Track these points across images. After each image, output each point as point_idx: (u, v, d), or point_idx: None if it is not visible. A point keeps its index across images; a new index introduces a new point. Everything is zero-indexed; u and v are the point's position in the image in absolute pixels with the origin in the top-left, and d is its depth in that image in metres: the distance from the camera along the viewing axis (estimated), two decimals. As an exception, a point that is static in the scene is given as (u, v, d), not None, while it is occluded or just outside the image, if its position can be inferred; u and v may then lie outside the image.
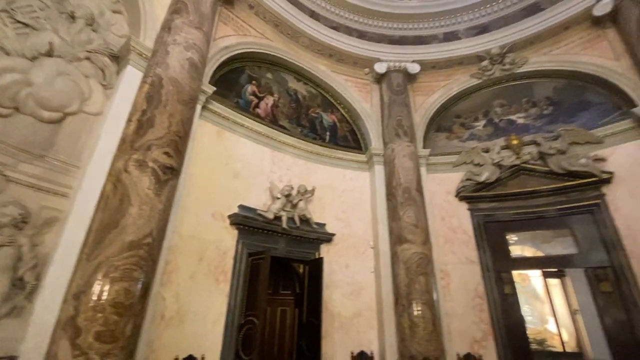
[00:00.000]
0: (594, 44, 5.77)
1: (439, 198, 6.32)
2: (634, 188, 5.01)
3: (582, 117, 5.81)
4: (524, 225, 6.01)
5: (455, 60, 6.75)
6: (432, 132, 6.90)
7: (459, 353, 5.17)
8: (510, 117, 6.49)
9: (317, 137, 6.41)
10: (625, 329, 4.72)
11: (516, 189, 5.89)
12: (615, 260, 4.93)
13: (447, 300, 5.56)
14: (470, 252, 5.85)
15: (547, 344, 9.09)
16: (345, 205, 6.12)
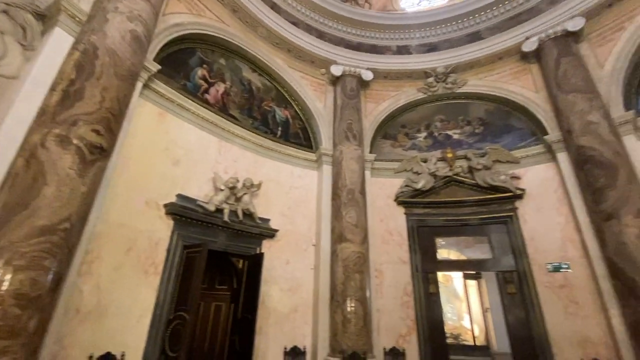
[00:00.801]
0: (521, 76, 6.57)
1: (380, 201, 6.66)
2: (540, 204, 5.83)
3: (506, 139, 6.59)
4: (451, 231, 6.63)
5: (405, 73, 7.18)
6: (379, 138, 7.26)
7: (385, 347, 5.52)
8: (448, 132, 7.10)
9: (268, 131, 6.32)
10: (524, 325, 5.48)
11: (447, 197, 6.47)
12: (520, 266, 5.70)
13: (379, 297, 5.89)
14: (403, 253, 6.28)
15: (461, 338, 10.16)
16: (291, 202, 6.14)
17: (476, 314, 10.37)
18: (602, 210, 4.67)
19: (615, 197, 4.55)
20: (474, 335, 9.95)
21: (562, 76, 5.55)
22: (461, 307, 10.90)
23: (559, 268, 5.39)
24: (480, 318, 10.18)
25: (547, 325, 5.22)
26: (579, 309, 5.10)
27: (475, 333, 10.11)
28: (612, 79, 5.38)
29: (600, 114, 5.07)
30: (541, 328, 5.23)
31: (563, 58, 5.64)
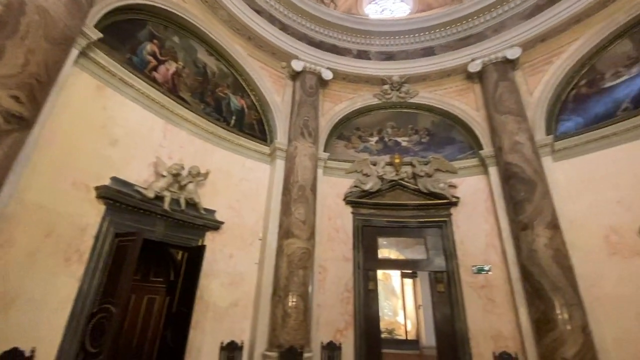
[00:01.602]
0: (465, 93, 7.16)
1: (330, 200, 6.80)
2: (471, 212, 6.43)
3: (447, 150, 7.14)
4: (393, 231, 7.01)
5: (363, 77, 7.40)
6: (334, 138, 7.39)
7: (323, 341, 5.66)
8: (397, 138, 7.48)
9: (221, 119, 6.08)
10: (448, 321, 6.00)
11: (391, 200, 6.82)
12: (450, 267, 6.23)
13: (320, 293, 6.02)
14: (347, 250, 6.49)
15: (395, 333, 10.84)
16: (240, 194, 5.99)
17: (410, 310, 11.13)
18: (520, 221, 5.31)
19: (531, 210, 5.20)
20: (407, 330, 10.68)
21: (498, 98, 6.18)
22: (397, 304, 11.61)
23: (481, 270, 6.00)
24: (414, 314, 10.95)
25: (468, 321, 5.78)
26: (495, 307, 5.73)
27: (408, 328, 10.85)
28: (538, 106, 6.12)
29: (526, 136, 5.75)
30: (463, 323, 5.78)
31: (501, 82, 6.27)
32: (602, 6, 5.47)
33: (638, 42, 5.28)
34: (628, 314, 4.68)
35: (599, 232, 5.14)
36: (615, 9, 5.36)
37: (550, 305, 4.72)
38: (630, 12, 5.19)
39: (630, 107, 5.20)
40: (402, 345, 10.16)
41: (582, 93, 5.84)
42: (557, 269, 4.79)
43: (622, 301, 4.76)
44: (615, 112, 5.37)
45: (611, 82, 5.51)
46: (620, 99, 5.37)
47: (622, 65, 5.42)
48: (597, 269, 5.03)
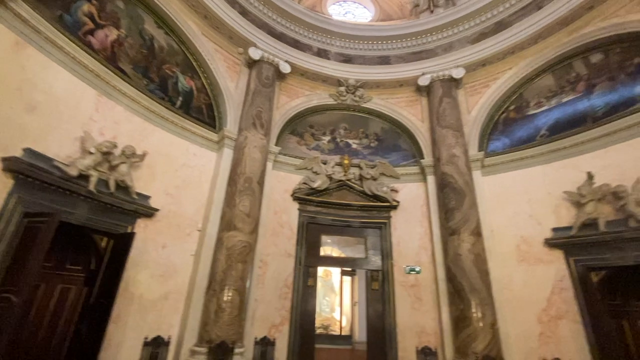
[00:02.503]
0: (414, 105, 7.60)
1: (277, 194, 6.73)
2: (408, 216, 6.85)
3: (393, 156, 7.52)
4: (336, 230, 7.17)
5: (321, 76, 7.44)
6: (287, 133, 7.33)
7: (257, 337, 5.58)
8: (349, 140, 7.68)
9: (165, 98, 5.64)
10: (380, 317, 6.32)
11: (337, 199, 6.98)
12: (385, 266, 6.57)
13: (259, 287, 5.93)
14: (290, 246, 6.48)
15: (330, 329, 11.13)
16: (181, 181, 5.63)
17: (347, 307, 11.52)
18: (450, 227, 5.79)
19: (459, 217, 5.71)
20: (341, 326, 11.03)
21: (442, 113, 6.66)
22: (335, 301, 11.94)
23: (413, 270, 6.43)
24: (350, 311, 11.36)
25: (397, 318, 6.16)
26: (422, 305, 6.19)
27: (343, 324, 11.22)
28: (474, 124, 6.74)
29: (462, 150, 6.28)
30: (392, 320, 6.14)
31: (445, 98, 6.77)
32: (534, 42, 6.20)
33: (558, 78, 6.07)
34: (528, 314, 5.39)
35: (512, 241, 5.83)
36: (544, 45, 6.10)
37: (468, 304, 5.23)
38: (556, 50, 5.94)
39: (547, 134, 5.98)
40: (336, 341, 10.48)
41: (510, 117, 6.57)
42: (476, 272, 5.33)
43: (525, 302, 5.46)
44: (535, 137, 6.14)
45: (534, 110, 6.28)
46: (539, 126, 6.14)
47: (544, 97, 6.21)
48: (508, 273, 5.71)
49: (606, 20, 5.31)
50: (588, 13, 5.48)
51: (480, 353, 4.88)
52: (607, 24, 5.28)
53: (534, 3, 5.98)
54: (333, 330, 11.05)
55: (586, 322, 4.85)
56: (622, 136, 4.98)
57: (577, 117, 5.63)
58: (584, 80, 5.69)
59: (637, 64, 5.08)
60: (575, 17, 5.60)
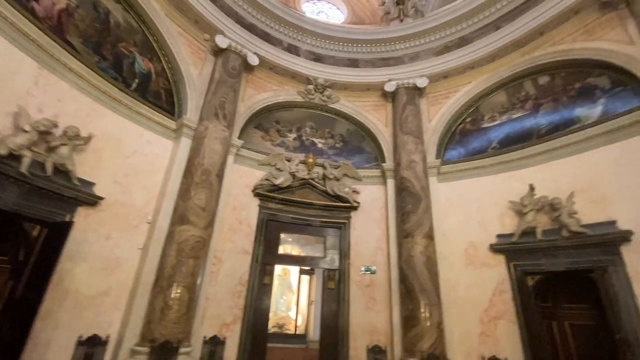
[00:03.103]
0: (379, 109, 7.77)
1: (237, 189, 6.53)
2: (367, 217, 6.99)
3: (357, 158, 7.64)
4: (297, 228, 7.12)
5: (290, 72, 7.35)
6: (252, 127, 7.14)
7: (206, 336, 5.37)
8: (315, 139, 7.67)
9: (119, 79, 5.22)
10: (334, 316, 6.37)
11: (300, 198, 6.93)
12: (342, 266, 6.64)
13: (212, 285, 5.70)
14: (248, 243, 6.32)
15: (285, 328, 11.04)
16: (131, 169, 5.24)
17: (303, 306, 11.50)
18: (405, 229, 5.99)
19: (414, 221, 5.93)
20: (296, 325, 10.99)
21: (404, 119, 6.88)
22: (292, 300, 11.87)
23: (368, 270, 6.57)
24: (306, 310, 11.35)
25: (350, 317, 6.25)
26: (375, 304, 6.33)
27: (299, 323, 11.19)
28: (434, 132, 7.05)
29: (420, 156, 6.54)
30: (345, 319, 6.22)
31: (408, 105, 7.01)
32: (492, 60, 6.61)
33: (510, 96, 6.53)
34: (472, 314, 5.73)
35: (461, 245, 6.17)
36: (500, 64, 6.53)
37: (417, 304, 5.44)
38: (510, 70, 6.38)
39: (497, 147, 6.41)
40: (290, 340, 10.41)
41: (467, 129, 6.96)
42: (427, 274, 5.57)
43: (469, 303, 5.80)
44: (487, 148, 6.55)
45: (488, 124, 6.70)
46: (492, 139, 6.56)
47: (497, 112, 6.64)
48: (456, 275, 6.03)
49: (554, 46, 5.80)
50: (539, 38, 5.95)
51: (425, 351, 5.09)
52: (554, 49, 5.77)
53: (493, 23, 6.39)
54: (288, 330, 10.97)
55: (521, 323, 5.25)
56: (560, 153, 5.47)
57: (524, 133, 6.10)
58: (532, 99, 6.18)
59: (577, 88, 5.60)
60: (527, 40, 6.06)
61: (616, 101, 5.07)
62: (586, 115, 5.37)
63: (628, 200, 4.60)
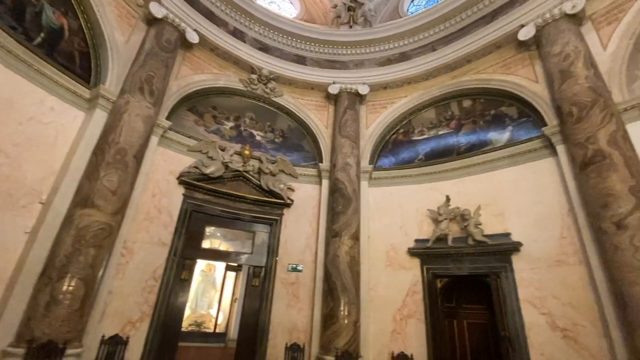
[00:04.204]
0: (321, 110, 7.84)
1: (160, 174, 5.95)
2: (300, 215, 6.97)
3: (295, 155, 7.58)
4: (225, 222, 6.78)
5: (233, 57, 6.98)
6: (184, 109, 6.60)
7: (105, 335, 4.76)
8: (254, 131, 7.41)
9: (19, 29, 4.34)
10: (255, 314, 6.20)
11: (231, 190, 6.60)
12: (269, 263, 6.51)
13: (118, 278, 5.08)
14: (166, 235, 5.79)
15: (204, 326, 10.45)
16: (24, 138, 4.40)
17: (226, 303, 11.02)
18: (334, 229, 6.12)
19: (343, 221, 6.09)
20: (216, 323, 10.49)
21: (343, 123, 7.05)
22: (215, 297, 11.30)
23: (295, 269, 6.55)
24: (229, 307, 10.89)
25: (272, 315, 6.15)
26: (298, 302, 6.34)
27: (220, 321, 10.68)
28: (369, 139, 7.35)
29: (355, 160, 6.75)
30: (267, 317, 6.10)
31: (349, 110, 7.19)
32: (426, 78, 7.13)
33: (439, 114, 7.12)
34: (387, 313, 6.08)
35: (384, 247, 6.52)
36: (433, 84, 7.08)
37: (338, 303, 5.59)
38: (441, 90, 6.94)
39: (423, 159, 6.93)
40: (209, 339, 9.88)
41: (399, 139, 7.40)
42: (349, 273, 5.75)
43: (385, 303, 6.14)
44: (414, 159, 7.04)
45: (417, 137, 7.22)
46: (419, 151, 7.08)
47: (426, 127, 7.19)
48: (376, 276, 6.35)
49: (478, 74, 6.48)
50: (467, 65, 6.60)
51: (340, 349, 5.24)
52: (478, 77, 6.45)
53: (430, 45, 6.90)
54: (207, 328, 10.41)
55: (427, 321, 5.72)
56: (474, 170, 6.13)
57: (446, 149, 6.70)
58: (456, 119, 6.82)
59: (492, 114, 6.33)
60: (457, 65, 6.68)
61: (521, 130, 5.85)
62: (497, 139, 6.10)
63: (520, 216, 5.34)
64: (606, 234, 3.97)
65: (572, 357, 4.36)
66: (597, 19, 5.11)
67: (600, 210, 4.07)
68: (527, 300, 4.92)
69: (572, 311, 4.50)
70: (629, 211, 3.82)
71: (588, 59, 4.79)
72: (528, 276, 5.01)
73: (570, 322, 4.48)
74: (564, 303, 4.59)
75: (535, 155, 5.42)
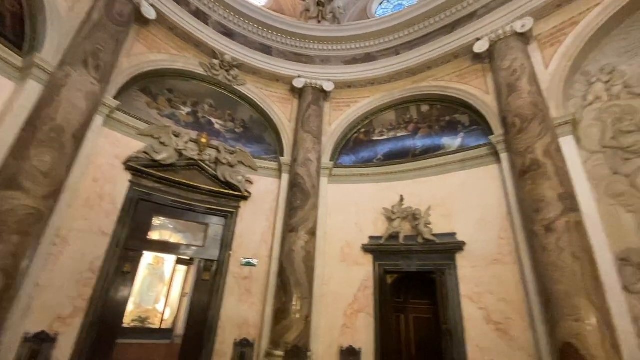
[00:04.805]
0: (285, 103, 7.72)
1: (104, 158, 5.47)
2: (257, 209, 6.82)
3: (256, 147, 7.39)
4: (176, 213, 6.41)
5: (194, 39, 6.61)
6: (136, 89, 6.12)
7: (29, 332, 4.29)
8: (212, 119, 7.09)
9: None
10: (204, 309, 5.96)
11: (185, 179, 6.26)
12: (222, 257, 6.29)
13: (47, 270, 4.59)
14: (107, 224, 5.34)
15: (149, 322, 9.87)
16: None
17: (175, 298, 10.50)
18: (291, 224, 6.08)
19: (300, 216, 6.07)
20: (163, 319, 9.97)
21: (307, 118, 7.01)
22: (162, 291, 10.72)
23: (249, 263, 6.41)
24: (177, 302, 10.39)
25: (222, 310, 5.96)
26: (250, 297, 6.21)
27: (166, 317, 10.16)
28: (332, 136, 7.39)
29: (316, 156, 6.75)
30: (216, 312, 5.90)
31: (313, 105, 7.17)
32: (389, 81, 7.31)
33: (398, 116, 7.35)
34: (338, 308, 6.17)
35: (339, 243, 6.60)
36: (395, 87, 7.28)
37: (290, 297, 5.57)
38: (402, 93, 7.16)
39: (381, 159, 7.13)
40: (154, 335, 9.35)
41: (360, 138, 7.54)
42: (304, 268, 5.75)
43: (338, 298, 6.23)
44: (373, 159, 7.21)
45: (377, 137, 7.40)
46: (378, 152, 7.26)
47: (386, 128, 7.39)
48: (330, 271, 6.41)
49: (436, 81, 6.77)
50: (427, 71, 6.88)
51: (290, 343, 5.23)
52: (436, 84, 6.75)
53: (394, 48, 7.10)
54: (152, 324, 9.85)
55: (377, 316, 5.90)
56: (427, 172, 6.42)
57: (403, 151, 6.94)
58: (414, 123, 7.09)
59: (447, 120, 6.67)
60: (418, 71, 6.93)
61: (471, 137, 6.24)
62: (449, 144, 6.45)
63: (465, 217, 5.70)
64: (537, 236, 4.37)
65: (502, 348, 4.76)
66: (542, 39, 5.58)
67: (533, 214, 4.47)
68: (467, 295, 5.27)
69: (505, 306, 4.91)
70: (557, 216, 4.23)
71: (532, 76, 5.23)
72: (469, 273, 5.37)
73: (503, 316, 4.88)
74: (498, 299, 4.99)
75: (482, 162, 5.81)
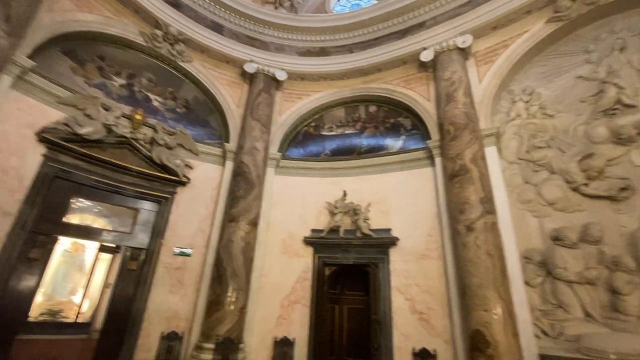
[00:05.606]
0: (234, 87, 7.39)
1: (11, 126, 4.69)
2: (196, 195, 6.45)
3: (199, 131, 6.97)
4: (100, 195, 5.76)
5: (134, 4, 5.96)
6: (57, 50, 5.33)
7: None
8: (150, 95, 6.49)
9: None
10: (128, 301, 5.50)
11: (113, 158, 5.65)
12: (152, 245, 5.84)
13: None
14: (12, 202, 4.60)
15: (62, 315, 8.80)
16: None
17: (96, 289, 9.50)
18: (231, 213, 5.87)
19: (242, 206, 5.89)
20: (79, 312, 8.97)
21: (256, 105, 6.80)
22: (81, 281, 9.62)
23: (183, 253, 6.05)
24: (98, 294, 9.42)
25: (149, 302, 5.56)
26: (182, 288, 5.88)
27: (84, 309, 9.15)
28: (281, 127, 7.29)
29: (264, 146, 6.60)
30: (142, 304, 5.48)
31: (263, 93, 6.97)
32: (342, 78, 7.40)
33: (348, 114, 7.50)
34: (275, 299, 6.15)
35: (281, 235, 6.57)
36: (346, 84, 7.40)
37: (225, 289, 5.40)
38: (352, 92, 7.32)
39: (329, 154, 7.24)
40: (67, 330, 8.34)
41: (309, 132, 7.56)
42: (242, 259, 5.61)
43: (276, 289, 6.21)
44: (321, 154, 7.29)
45: (326, 133, 7.48)
46: (326, 147, 7.35)
47: (335, 124, 7.51)
48: (270, 263, 6.36)
49: (385, 84, 7.05)
50: (377, 73, 7.12)
51: (222, 335, 5.08)
52: (385, 86, 7.03)
53: (348, 46, 7.21)
54: (66, 317, 8.80)
55: (312, 307, 6.02)
56: (369, 170, 6.68)
57: (350, 148, 7.13)
58: (361, 122, 7.32)
59: (392, 122, 7.00)
60: (369, 72, 7.15)
61: (411, 140, 6.63)
62: (392, 145, 6.78)
63: (400, 215, 6.07)
64: (459, 235, 4.83)
65: (423, 335, 5.19)
66: (479, 57, 6.13)
67: (458, 214, 4.93)
68: (397, 287, 5.64)
69: (428, 297, 5.36)
70: (477, 217, 4.72)
71: (468, 89, 5.72)
72: (400, 267, 5.74)
73: (426, 307, 5.33)
74: (423, 290, 5.43)
75: (419, 164, 6.22)
